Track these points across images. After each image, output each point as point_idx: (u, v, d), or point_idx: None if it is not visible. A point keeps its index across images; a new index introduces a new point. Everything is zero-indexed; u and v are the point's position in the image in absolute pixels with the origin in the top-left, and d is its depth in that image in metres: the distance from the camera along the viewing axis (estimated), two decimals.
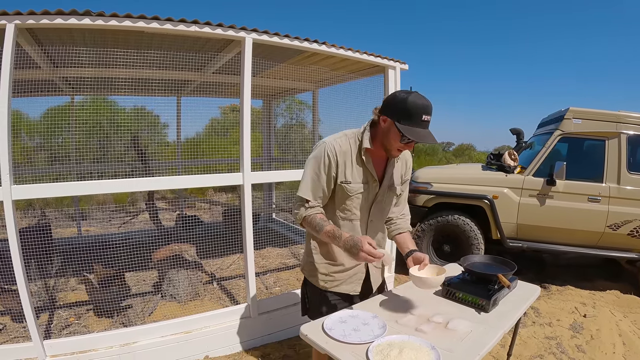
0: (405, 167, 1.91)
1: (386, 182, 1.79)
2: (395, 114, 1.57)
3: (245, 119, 2.79)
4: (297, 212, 1.72)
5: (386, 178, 1.79)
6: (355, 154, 1.72)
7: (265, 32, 2.84)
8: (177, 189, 5.22)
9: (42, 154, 4.35)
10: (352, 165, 1.71)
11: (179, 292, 3.48)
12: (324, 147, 1.69)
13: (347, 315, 1.65)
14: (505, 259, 2.07)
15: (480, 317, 1.69)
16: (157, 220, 4.95)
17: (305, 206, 1.70)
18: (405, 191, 1.97)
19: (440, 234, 4.95)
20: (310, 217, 1.68)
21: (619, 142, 4.51)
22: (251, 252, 2.92)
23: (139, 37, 2.86)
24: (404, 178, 1.92)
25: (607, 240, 4.52)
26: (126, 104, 4.60)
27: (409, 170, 1.94)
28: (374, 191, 1.78)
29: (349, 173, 1.71)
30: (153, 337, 2.75)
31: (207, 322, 2.92)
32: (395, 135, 1.60)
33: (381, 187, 1.78)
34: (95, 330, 3.10)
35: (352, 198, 1.74)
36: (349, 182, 1.71)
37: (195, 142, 4.47)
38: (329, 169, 1.68)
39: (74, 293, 3.89)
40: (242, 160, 2.82)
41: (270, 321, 3.11)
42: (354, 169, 1.72)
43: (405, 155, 1.89)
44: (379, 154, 1.75)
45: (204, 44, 3.16)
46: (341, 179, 1.70)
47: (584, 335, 3.46)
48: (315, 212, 1.69)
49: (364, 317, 1.63)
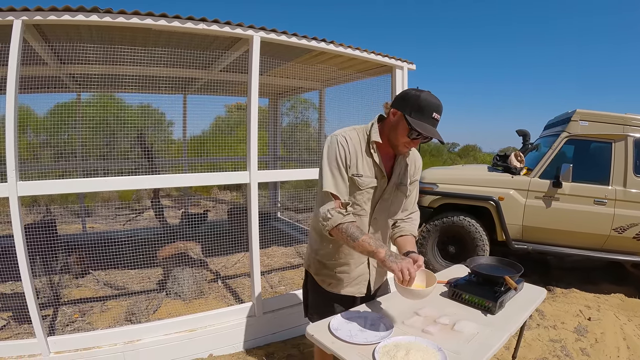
0: (414, 168, 1.87)
1: (394, 180, 1.76)
2: (407, 107, 1.57)
3: (252, 117, 2.78)
4: (330, 217, 1.60)
5: (394, 175, 1.76)
6: (364, 147, 1.70)
7: (273, 30, 2.84)
8: (182, 187, 5.21)
9: (48, 150, 4.36)
10: (362, 158, 1.69)
11: (184, 290, 3.48)
12: (335, 138, 1.67)
13: (353, 315, 1.64)
14: (511, 261, 2.06)
15: (487, 319, 1.68)
16: (162, 218, 4.96)
17: (341, 211, 1.61)
18: (414, 192, 1.92)
19: (446, 235, 4.94)
20: (345, 225, 1.59)
21: (626, 144, 4.48)
22: (257, 250, 2.92)
23: (146, 35, 2.86)
24: (413, 179, 1.88)
25: (613, 243, 4.49)
26: (132, 101, 4.59)
27: (418, 171, 1.91)
28: (381, 187, 1.74)
29: (360, 166, 1.68)
30: (157, 335, 2.74)
31: (211, 320, 2.91)
32: (404, 129, 1.59)
33: (389, 184, 1.75)
34: (100, 327, 3.08)
35: (362, 192, 1.70)
36: (360, 175, 1.67)
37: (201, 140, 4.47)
38: (345, 159, 1.64)
39: (78, 289, 3.90)
40: (249, 159, 2.81)
41: (275, 320, 3.11)
42: (365, 162, 1.69)
43: (415, 156, 1.87)
44: (387, 151, 1.73)
45: (212, 41, 3.16)
46: (353, 171, 1.66)
47: (588, 338, 3.44)
48: (349, 219, 1.61)
49: (371, 318, 1.62)
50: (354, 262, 1.81)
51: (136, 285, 3.93)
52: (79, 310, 3.44)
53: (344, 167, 1.64)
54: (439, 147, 19.56)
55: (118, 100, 4.89)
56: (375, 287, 1.93)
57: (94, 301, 3.58)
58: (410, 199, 1.90)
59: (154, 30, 2.64)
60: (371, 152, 1.69)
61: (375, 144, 1.69)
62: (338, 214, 1.59)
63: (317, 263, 1.87)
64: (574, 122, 4.63)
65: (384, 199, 1.77)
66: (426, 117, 1.55)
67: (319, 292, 1.88)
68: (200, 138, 4.66)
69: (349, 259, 1.80)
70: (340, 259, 1.80)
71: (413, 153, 1.86)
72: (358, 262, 1.82)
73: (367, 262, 1.84)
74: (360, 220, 1.73)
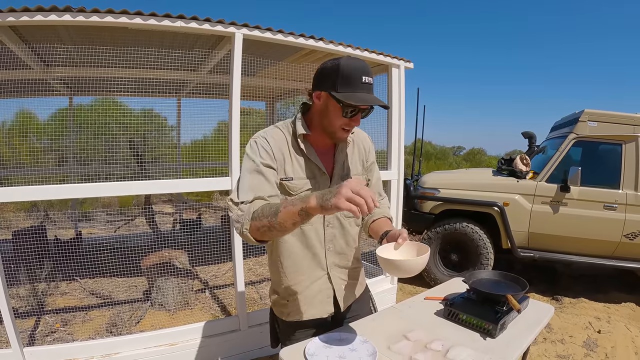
0: (365, 152, 1.62)
1: (338, 173, 1.49)
2: (329, 83, 1.31)
3: (234, 119, 2.62)
4: (241, 213, 1.26)
5: (337, 168, 1.49)
6: (291, 144, 1.44)
7: (256, 27, 2.68)
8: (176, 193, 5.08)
9: (33, 155, 4.24)
10: (291, 158, 1.43)
11: (168, 301, 3.32)
12: (253, 141, 1.40)
13: (333, 338, 1.45)
14: (515, 276, 1.86)
15: (486, 343, 1.48)
16: (153, 224, 4.83)
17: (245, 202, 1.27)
18: (374, 177, 1.65)
19: (448, 243, 4.71)
20: (257, 211, 1.22)
21: (637, 146, 4.28)
22: (240, 260, 2.74)
23: (125, 34, 2.71)
24: (368, 163, 1.63)
25: (624, 250, 4.28)
26: (124, 104, 4.49)
27: (371, 153, 1.65)
28: (323, 186, 1.46)
29: (289, 168, 1.42)
30: (136, 349, 2.63)
31: (193, 334, 2.76)
32: (336, 110, 1.33)
33: (332, 180, 1.48)
34: (80, 338, 3.02)
35: None
36: (290, 179, 1.41)
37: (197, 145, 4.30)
38: (269, 161, 1.36)
39: (62, 298, 3.80)
40: (231, 163, 2.64)
41: (262, 335, 2.91)
42: (294, 161, 1.43)
43: (360, 137, 1.62)
44: (323, 142, 1.47)
45: (195, 41, 3.01)
46: (281, 175, 1.40)
47: (598, 353, 3.24)
48: (261, 203, 1.27)
49: (352, 342, 1.43)
50: (306, 277, 1.52)
51: (122, 294, 3.80)
52: (61, 320, 3.36)
53: (266, 168, 1.35)
54: (444, 151, 19.24)
55: (108, 104, 4.77)
56: (347, 304, 1.64)
57: (78, 310, 3.50)
58: (374, 185, 1.64)
59: (131, 29, 2.50)
60: (301, 148, 1.43)
61: (304, 137, 1.43)
62: (246, 205, 1.27)
63: (273, 293, 1.63)
64: (582, 122, 4.43)
65: None
66: (355, 86, 1.28)
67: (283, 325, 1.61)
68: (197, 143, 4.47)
69: (299, 275, 1.52)
70: (290, 280, 1.52)
71: (357, 134, 1.60)
72: (313, 276, 1.53)
73: (326, 274, 1.56)
74: (312, 234, 1.48)
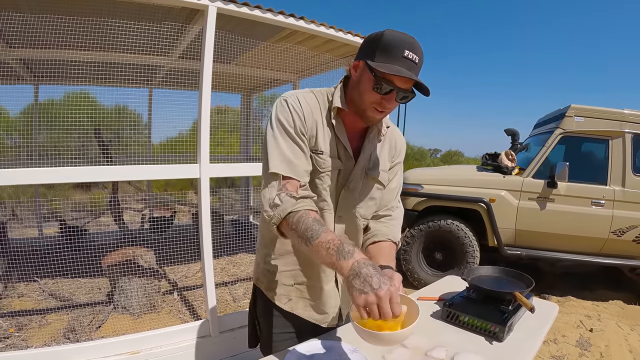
0: (394, 149, 1.38)
1: (362, 163, 1.27)
2: (368, 52, 1.10)
3: (204, 103, 2.35)
4: (279, 203, 1.07)
5: (362, 156, 1.27)
6: (325, 115, 1.21)
7: (232, 0, 2.42)
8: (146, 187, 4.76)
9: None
10: (323, 130, 1.19)
11: (132, 304, 3.02)
12: (284, 99, 1.17)
13: (316, 347, 1.22)
14: (518, 272, 1.65)
15: (493, 348, 1.28)
16: (120, 221, 4.52)
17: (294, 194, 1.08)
18: (395, 181, 1.40)
19: (432, 241, 4.55)
20: (298, 214, 1.05)
21: (624, 142, 4.24)
22: (209, 259, 2.46)
23: (84, 2, 2.41)
24: (395, 162, 1.39)
25: (611, 247, 4.22)
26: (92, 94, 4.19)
27: (401, 154, 1.41)
28: (346, 172, 1.25)
29: (321, 139, 1.19)
30: (95, 357, 2.31)
31: (158, 340, 2.45)
32: (368, 82, 1.10)
33: (355, 167, 1.26)
34: (34, 345, 2.76)
35: (323, 176, 1.21)
36: (321, 152, 1.18)
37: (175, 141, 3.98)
38: (302, 127, 1.15)
39: (19, 300, 3.47)
40: (199, 150, 2.37)
41: (234, 341, 2.62)
42: (326, 135, 1.20)
43: (395, 134, 1.39)
44: (355, 125, 1.25)
45: (165, 16, 2.72)
46: (311, 145, 1.18)
47: (592, 352, 3.14)
48: (306, 206, 1.07)
49: (340, 351, 1.19)
50: (325, 276, 1.32)
51: (83, 296, 3.49)
52: (16, 324, 3.05)
53: (302, 136, 1.15)
54: (422, 151, 19.25)
55: (72, 93, 4.44)
56: (346, 315, 1.43)
57: (35, 314, 3.20)
58: (391, 190, 1.39)
59: None
60: (332, 122, 1.21)
61: (338, 111, 1.22)
62: (290, 199, 1.07)
63: (268, 273, 1.35)
64: (568, 118, 4.35)
65: (349, 188, 1.27)
66: (395, 57, 1.05)
67: (273, 315, 1.36)
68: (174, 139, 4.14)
69: (318, 268, 1.30)
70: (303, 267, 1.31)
71: (392, 131, 1.37)
72: (330, 276, 1.33)
73: (334, 280, 1.35)
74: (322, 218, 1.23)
